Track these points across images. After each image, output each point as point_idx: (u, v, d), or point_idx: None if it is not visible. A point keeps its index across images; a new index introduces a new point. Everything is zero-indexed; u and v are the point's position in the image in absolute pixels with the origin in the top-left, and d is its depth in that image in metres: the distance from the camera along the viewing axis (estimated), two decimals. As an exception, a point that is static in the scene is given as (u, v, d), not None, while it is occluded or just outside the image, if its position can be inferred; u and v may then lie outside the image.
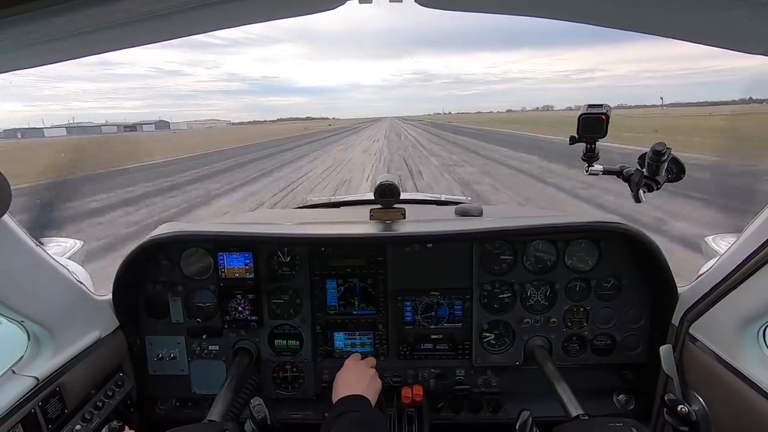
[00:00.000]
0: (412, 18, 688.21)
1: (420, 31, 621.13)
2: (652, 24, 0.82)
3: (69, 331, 1.44)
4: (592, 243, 1.71)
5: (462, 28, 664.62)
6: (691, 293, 1.51)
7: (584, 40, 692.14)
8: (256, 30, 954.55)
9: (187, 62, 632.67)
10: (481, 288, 1.75)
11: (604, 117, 1.23)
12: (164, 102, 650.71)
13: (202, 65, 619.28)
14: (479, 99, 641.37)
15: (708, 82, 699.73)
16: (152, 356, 1.80)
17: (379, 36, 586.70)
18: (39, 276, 1.34)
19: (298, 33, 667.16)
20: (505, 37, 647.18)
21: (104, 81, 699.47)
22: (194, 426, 1.28)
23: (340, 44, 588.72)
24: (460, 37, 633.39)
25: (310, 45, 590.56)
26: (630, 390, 1.79)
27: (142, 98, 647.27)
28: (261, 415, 1.39)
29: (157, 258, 1.76)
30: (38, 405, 1.26)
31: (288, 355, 1.81)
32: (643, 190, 1.28)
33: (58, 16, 0.59)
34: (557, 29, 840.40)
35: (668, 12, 0.75)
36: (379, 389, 1.51)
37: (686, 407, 1.36)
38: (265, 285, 1.77)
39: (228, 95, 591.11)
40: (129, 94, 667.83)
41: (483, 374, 1.81)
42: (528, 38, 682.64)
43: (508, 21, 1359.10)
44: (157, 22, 0.71)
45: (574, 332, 1.75)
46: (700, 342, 1.43)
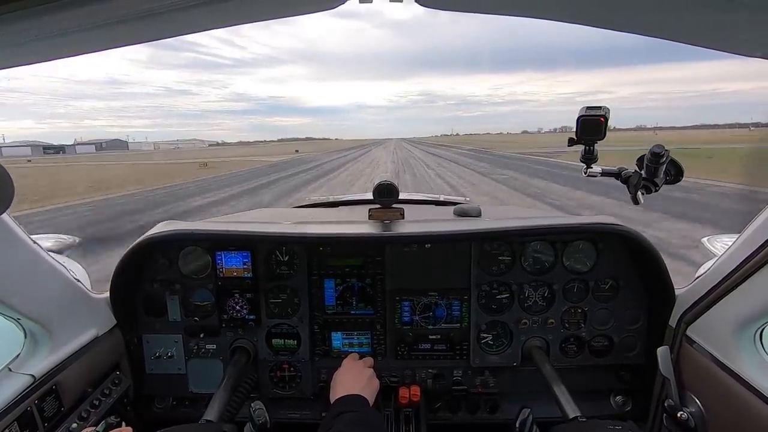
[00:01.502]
0: (417, 39, 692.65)
1: (425, 52, 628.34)
2: (650, 26, 0.81)
3: (66, 329, 1.44)
4: (590, 244, 1.71)
5: (466, 49, 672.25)
6: (688, 295, 1.52)
7: (586, 63, 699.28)
8: (263, 50, 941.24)
9: (196, 82, 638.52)
10: (479, 288, 1.75)
11: (602, 119, 1.23)
12: (173, 121, 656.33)
13: (210, 85, 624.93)
14: (485, 120, 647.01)
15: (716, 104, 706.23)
16: (149, 355, 1.80)
17: (383, 57, 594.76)
18: (36, 273, 1.33)
19: (305, 54, 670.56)
20: (508, 59, 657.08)
21: (114, 99, 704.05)
22: (192, 426, 1.27)
23: (346, 65, 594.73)
24: (464, 59, 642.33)
25: (317, 65, 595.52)
26: (627, 391, 1.79)
27: (152, 117, 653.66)
28: (261, 419, 1.39)
29: (155, 256, 1.76)
30: (34, 403, 1.26)
31: (285, 354, 1.81)
32: (641, 192, 1.29)
33: (52, 14, 0.59)
34: (560, 51, 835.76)
35: (666, 14, 0.75)
36: (377, 389, 1.51)
37: (685, 413, 1.36)
38: (263, 284, 1.76)
39: (235, 115, 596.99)
40: (139, 113, 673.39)
41: (481, 375, 1.81)
42: (531, 60, 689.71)
43: (512, 43, 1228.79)
44: (154, 20, 0.71)
45: (571, 333, 1.75)
46: (697, 344, 1.43)
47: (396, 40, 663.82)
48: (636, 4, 0.74)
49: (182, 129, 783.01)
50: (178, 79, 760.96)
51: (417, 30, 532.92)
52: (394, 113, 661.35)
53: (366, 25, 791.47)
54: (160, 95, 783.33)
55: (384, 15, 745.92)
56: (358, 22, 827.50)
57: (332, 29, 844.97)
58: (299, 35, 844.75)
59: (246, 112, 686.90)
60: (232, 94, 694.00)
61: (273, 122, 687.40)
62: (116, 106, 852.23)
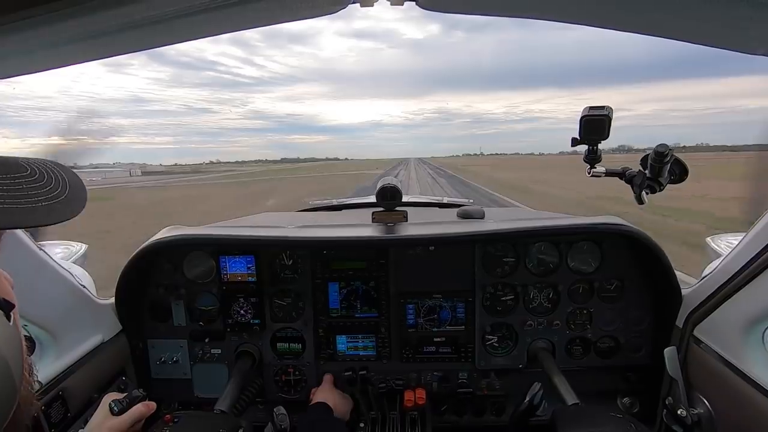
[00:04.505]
0: (432, 57, 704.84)
1: (440, 71, 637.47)
2: (653, 25, 0.81)
3: (72, 335, 1.45)
4: (595, 245, 1.70)
5: (481, 67, 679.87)
6: (695, 295, 1.50)
7: (603, 81, 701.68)
8: (281, 69, 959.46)
9: (216, 100, 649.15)
10: (484, 290, 1.75)
11: (606, 119, 1.23)
12: (194, 139, 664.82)
13: (230, 103, 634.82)
14: (501, 138, 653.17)
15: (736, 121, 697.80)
16: (155, 360, 1.80)
17: (400, 75, 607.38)
18: (42, 280, 1.34)
19: (323, 73, 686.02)
20: (524, 76, 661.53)
21: (138, 117, 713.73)
22: (210, 414, 1.28)
23: (363, 83, 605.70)
24: (479, 76, 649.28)
25: (334, 84, 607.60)
26: (634, 392, 1.78)
27: (174, 135, 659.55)
28: (284, 425, 1.39)
29: (160, 261, 1.76)
30: (41, 409, 1.26)
31: (290, 358, 1.81)
32: (645, 191, 1.28)
33: (63, 20, 0.59)
34: (576, 68, 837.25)
35: (669, 13, 0.74)
36: (350, 408, 1.71)
37: (685, 410, 1.35)
38: (268, 288, 1.77)
39: (254, 133, 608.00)
40: (162, 131, 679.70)
41: (486, 377, 1.80)
42: (548, 78, 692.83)
43: (528, 59, 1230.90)
44: (161, 26, 0.71)
45: (577, 334, 1.74)
46: (705, 344, 1.42)
47: (412, 58, 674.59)
48: (638, 4, 0.74)
49: (202, 147, 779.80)
50: (198, 97, 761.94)
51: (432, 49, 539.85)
52: (410, 131, 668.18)
53: (382, 45, 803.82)
54: (181, 113, 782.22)
55: (400, 35, 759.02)
56: (375, 42, 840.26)
57: (350, 48, 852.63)
58: (317, 55, 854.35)
59: (265, 129, 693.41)
60: (251, 112, 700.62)
61: (292, 140, 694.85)
62: (140, 124, 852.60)
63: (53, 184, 0.58)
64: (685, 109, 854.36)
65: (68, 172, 0.61)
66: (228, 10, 0.72)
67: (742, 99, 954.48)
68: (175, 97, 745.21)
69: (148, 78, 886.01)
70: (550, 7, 0.79)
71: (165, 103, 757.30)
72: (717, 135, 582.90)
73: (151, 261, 1.75)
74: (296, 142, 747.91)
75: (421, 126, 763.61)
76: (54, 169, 0.60)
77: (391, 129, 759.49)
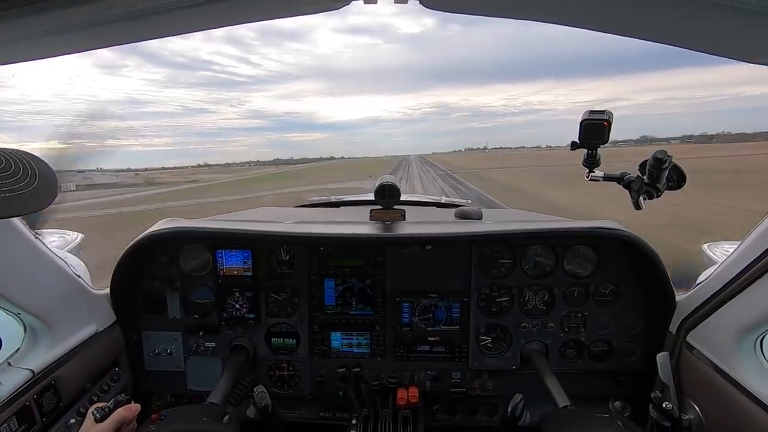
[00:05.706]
0: (429, 52, 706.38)
1: (437, 65, 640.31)
2: (653, 31, 0.81)
3: (66, 325, 1.44)
4: (591, 249, 1.70)
5: (478, 60, 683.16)
6: (689, 301, 1.51)
7: (601, 71, 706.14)
8: (277, 67, 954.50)
9: (212, 100, 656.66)
10: (480, 291, 1.75)
11: (606, 123, 1.23)
12: (192, 140, 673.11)
13: (227, 103, 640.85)
14: (500, 132, 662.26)
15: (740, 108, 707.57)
16: (149, 352, 1.80)
17: (396, 71, 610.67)
18: (37, 268, 1.34)
19: (319, 70, 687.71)
20: (521, 69, 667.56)
21: (136, 119, 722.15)
22: (197, 407, 1.28)
23: (359, 79, 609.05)
24: (477, 70, 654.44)
25: (330, 81, 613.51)
26: (626, 396, 1.78)
27: (172, 136, 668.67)
28: (264, 402, 1.39)
29: (156, 253, 1.76)
30: (33, 398, 1.26)
31: (284, 353, 1.81)
32: (643, 197, 1.28)
33: (62, 9, 0.59)
34: (575, 60, 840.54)
35: (670, 20, 0.74)
36: None
37: (671, 404, 1.35)
38: (264, 283, 1.76)
39: (252, 132, 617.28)
40: (159, 132, 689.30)
41: (479, 377, 1.81)
42: (545, 69, 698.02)
43: (525, 51, 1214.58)
44: (160, 17, 0.71)
45: (571, 337, 1.75)
46: (697, 350, 1.43)
47: (408, 53, 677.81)
48: (639, 10, 0.74)
49: (201, 147, 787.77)
50: (195, 97, 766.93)
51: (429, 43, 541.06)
52: (409, 126, 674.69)
53: (378, 40, 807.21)
54: (179, 114, 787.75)
55: (396, 30, 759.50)
56: (371, 37, 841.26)
57: (346, 44, 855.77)
58: (312, 52, 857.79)
59: (263, 128, 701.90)
60: (248, 112, 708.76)
61: (290, 138, 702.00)
62: (138, 126, 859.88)
63: (20, 174, 0.56)
64: (683, 98, 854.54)
65: (41, 164, 0.60)
66: (231, 2, 0.72)
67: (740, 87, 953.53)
68: (171, 98, 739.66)
69: (143, 79, 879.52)
70: (550, 10, 0.79)
71: (162, 104, 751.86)
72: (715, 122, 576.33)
73: (147, 253, 1.75)
74: (294, 140, 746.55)
75: (420, 121, 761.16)
76: (24, 159, 0.59)
77: (389, 125, 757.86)
